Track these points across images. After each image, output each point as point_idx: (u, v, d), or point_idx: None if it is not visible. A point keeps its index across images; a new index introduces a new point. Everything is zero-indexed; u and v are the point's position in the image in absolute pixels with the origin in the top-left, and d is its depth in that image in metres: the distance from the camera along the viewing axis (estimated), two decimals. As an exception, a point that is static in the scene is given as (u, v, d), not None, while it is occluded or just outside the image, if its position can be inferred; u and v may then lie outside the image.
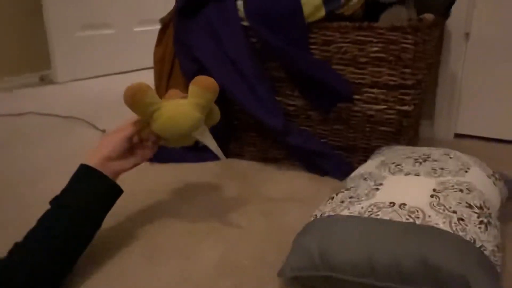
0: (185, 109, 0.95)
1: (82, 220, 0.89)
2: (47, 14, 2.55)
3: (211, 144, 1.00)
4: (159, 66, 1.53)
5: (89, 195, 0.91)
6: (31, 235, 0.84)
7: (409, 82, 1.22)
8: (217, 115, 1.06)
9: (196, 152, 1.45)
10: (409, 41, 1.19)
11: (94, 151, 0.96)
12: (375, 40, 1.22)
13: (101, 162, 0.93)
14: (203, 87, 0.96)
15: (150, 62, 1.56)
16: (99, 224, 0.93)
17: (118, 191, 0.97)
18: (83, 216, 0.89)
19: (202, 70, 1.40)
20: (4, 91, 2.45)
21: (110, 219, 1.08)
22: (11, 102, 2.25)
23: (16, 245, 0.82)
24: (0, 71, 2.52)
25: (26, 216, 1.13)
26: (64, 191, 0.91)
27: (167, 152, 1.35)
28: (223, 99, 1.44)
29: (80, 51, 2.71)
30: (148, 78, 1.68)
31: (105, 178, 0.93)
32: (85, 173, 0.93)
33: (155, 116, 0.94)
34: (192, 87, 0.97)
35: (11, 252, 0.81)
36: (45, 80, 2.68)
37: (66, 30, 2.63)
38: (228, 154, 1.51)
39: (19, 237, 0.85)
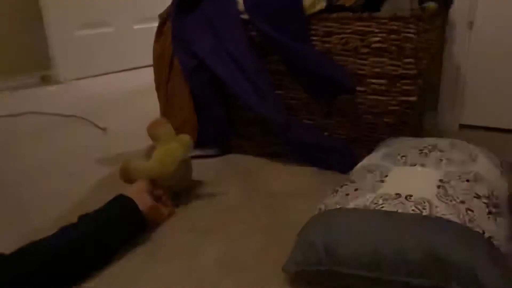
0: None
1: (103, 239, 0.90)
2: (46, 14, 2.54)
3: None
4: (158, 62, 1.51)
5: (117, 218, 0.94)
6: (50, 239, 0.85)
7: (412, 72, 1.20)
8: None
9: (197, 149, 1.43)
10: (411, 30, 1.17)
11: (128, 190, 1.02)
12: (376, 30, 1.20)
13: (136, 193, 1.00)
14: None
15: (151, 59, 1.54)
16: (115, 249, 0.94)
17: (143, 227, 1.00)
18: (105, 235, 0.91)
19: (201, 65, 1.38)
20: (6, 91, 2.44)
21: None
22: (13, 102, 2.24)
23: (32, 244, 0.83)
24: (1, 72, 2.51)
25: (28, 215, 1.13)
26: (96, 211, 0.94)
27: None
28: (224, 95, 1.43)
29: (80, 50, 2.70)
30: (148, 75, 1.67)
31: (137, 209, 0.97)
32: (119, 201, 0.97)
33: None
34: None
35: (22, 251, 0.81)
36: (46, 80, 2.67)
37: (66, 30, 2.61)
38: (230, 150, 1.50)
39: (20, 235, 0.84)
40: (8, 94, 2.41)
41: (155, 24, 1.54)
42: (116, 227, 0.93)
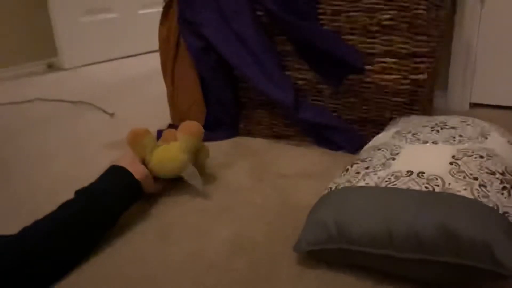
0: (172, 154, 1.08)
1: (103, 207, 0.90)
2: (51, 1, 2.52)
3: (198, 184, 1.09)
4: (164, 45, 1.50)
5: (113, 187, 0.95)
6: (50, 216, 0.85)
7: (423, 50, 1.18)
8: (206, 153, 1.21)
9: (206, 132, 1.43)
10: (422, 7, 1.15)
11: (119, 161, 1.02)
12: (386, 7, 1.18)
13: (129, 163, 1.01)
14: (188, 134, 1.11)
15: (156, 44, 1.53)
16: (116, 217, 0.94)
17: (140, 191, 1.01)
18: (104, 204, 0.91)
19: (208, 47, 1.37)
20: (13, 79, 2.45)
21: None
22: (20, 90, 2.24)
23: (34, 223, 0.83)
24: (8, 60, 2.50)
25: (37, 199, 1.13)
26: (91, 183, 0.95)
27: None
28: (232, 77, 1.42)
29: (86, 37, 2.68)
30: (155, 60, 1.66)
31: (130, 175, 0.98)
32: (113, 170, 0.99)
33: (148, 158, 1.07)
34: (179, 134, 1.11)
35: (25, 230, 0.81)
36: (52, 67, 2.67)
37: (70, 16, 2.59)
38: (238, 133, 1.49)
39: (30, 218, 0.84)
40: (15, 82, 2.41)
41: (160, 9, 1.52)
42: (113, 198, 0.93)
